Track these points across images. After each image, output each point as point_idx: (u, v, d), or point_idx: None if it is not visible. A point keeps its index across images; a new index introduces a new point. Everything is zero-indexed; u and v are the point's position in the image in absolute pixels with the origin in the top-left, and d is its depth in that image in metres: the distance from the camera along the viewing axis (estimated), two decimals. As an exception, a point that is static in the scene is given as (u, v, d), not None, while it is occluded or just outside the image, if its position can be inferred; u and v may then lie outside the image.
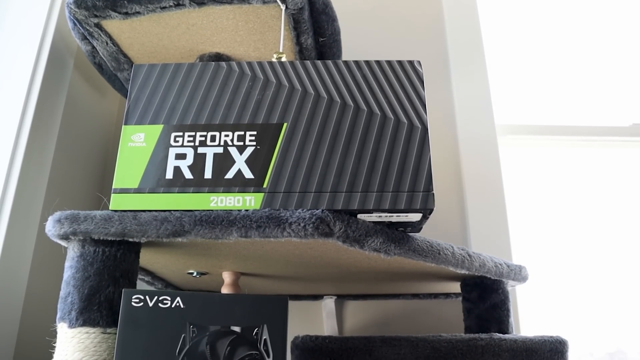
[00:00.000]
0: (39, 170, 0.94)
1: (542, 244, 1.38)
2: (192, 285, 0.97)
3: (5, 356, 0.83)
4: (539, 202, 1.42)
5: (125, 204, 0.58)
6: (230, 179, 0.58)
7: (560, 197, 1.43)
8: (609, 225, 1.42)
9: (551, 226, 1.40)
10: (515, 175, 1.44)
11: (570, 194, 1.44)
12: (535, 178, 1.45)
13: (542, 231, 1.39)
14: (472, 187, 1.25)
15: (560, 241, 1.39)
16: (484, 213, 1.23)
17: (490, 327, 0.88)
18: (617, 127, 1.50)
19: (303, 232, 0.54)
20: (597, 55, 1.63)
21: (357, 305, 1.17)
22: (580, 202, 1.43)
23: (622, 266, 1.39)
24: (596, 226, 1.42)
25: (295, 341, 0.69)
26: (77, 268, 0.57)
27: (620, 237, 1.41)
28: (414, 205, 0.56)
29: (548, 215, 1.41)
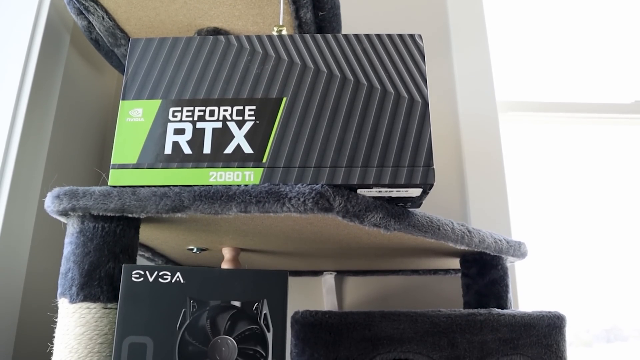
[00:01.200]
0: (38, 146, 0.93)
1: (542, 221, 1.38)
2: (192, 261, 0.97)
3: (8, 332, 0.83)
4: (539, 179, 1.42)
5: (124, 179, 0.58)
6: (229, 154, 0.57)
7: (560, 174, 1.43)
8: (609, 202, 1.42)
9: (551, 203, 1.40)
10: (515, 152, 1.43)
11: (570, 172, 1.44)
12: (536, 155, 1.44)
13: (541, 208, 1.39)
14: (473, 163, 1.25)
15: (559, 218, 1.39)
16: (484, 189, 1.23)
17: (489, 303, 0.88)
18: (619, 105, 1.49)
19: (302, 207, 0.54)
20: (600, 32, 1.61)
21: (356, 281, 1.18)
22: (580, 180, 1.43)
23: (619, 244, 1.39)
24: (596, 203, 1.42)
25: (295, 316, 0.69)
26: (76, 244, 0.57)
27: (619, 215, 1.41)
28: (414, 180, 0.56)
29: (548, 192, 1.41)
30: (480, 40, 1.37)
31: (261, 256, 0.91)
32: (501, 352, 0.71)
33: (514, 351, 0.72)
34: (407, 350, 0.69)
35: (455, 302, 1.17)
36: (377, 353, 0.68)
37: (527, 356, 0.72)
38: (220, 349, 0.53)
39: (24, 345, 0.86)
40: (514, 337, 0.72)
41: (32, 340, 0.88)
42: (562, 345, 0.74)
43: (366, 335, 0.68)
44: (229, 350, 0.53)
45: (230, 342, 0.53)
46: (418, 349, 0.69)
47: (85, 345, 0.54)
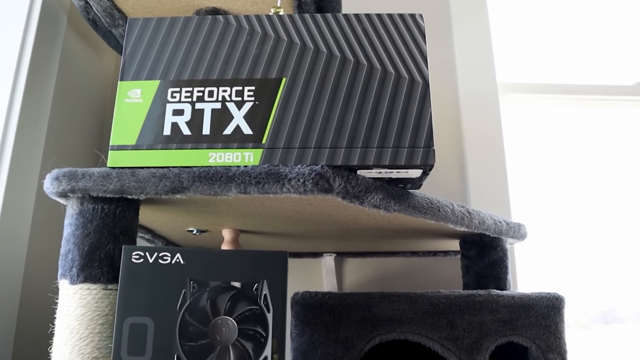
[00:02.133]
0: (36, 128, 0.93)
1: (542, 203, 1.38)
2: (192, 243, 0.97)
3: (10, 313, 0.84)
4: (539, 161, 1.42)
5: (123, 160, 0.58)
6: (228, 134, 0.57)
7: (560, 156, 1.43)
8: (609, 184, 1.42)
9: (550, 185, 1.40)
10: (516, 134, 1.43)
11: (571, 154, 1.43)
12: (537, 137, 1.44)
13: (541, 190, 1.39)
14: (473, 144, 1.24)
15: (558, 200, 1.39)
16: (484, 171, 1.23)
17: (488, 284, 0.89)
18: (620, 86, 1.48)
19: (302, 188, 0.53)
20: (602, 13, 1.59)
21: (356, 263, 1.18)
22: (580, 162, 1.43)
23: (618, 227, 1.39)
24: (595, 186, 1.42)
25: (295, 297, 0.69)
26: (76, 225, 0.57)
27: (618, 198, 1.41)
28: (414, 161, 0.55)
29: (548, 174, 1.41)
30: (482, 20, 1.36)
31: (261, 238, 0.91)
32: (500, 333, 0.71)
33: (512, 332, 0.72)
34: (406, 331, 0.69)
35: (455, 284, 1.17)
36: (377, 334, 0.69)
37: (526, 337, 0.72)
38: (220, 330, 0.53)
39: (26, 326, 0.87)
40: (513, 318, 0.72)
41: (33, 322, 0.89)
42: (561, 326, 0.74)
43: (366, 316, 0.69)
44: (229, 331, 0.53)
45: (230, 322, 0.54)
46: (417, 329, 0.70)
47: (86, 326, 0.55)
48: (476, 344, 0.70)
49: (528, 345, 0.72)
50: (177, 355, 0.53)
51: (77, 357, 0.54)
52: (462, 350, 0.70)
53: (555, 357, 0.72)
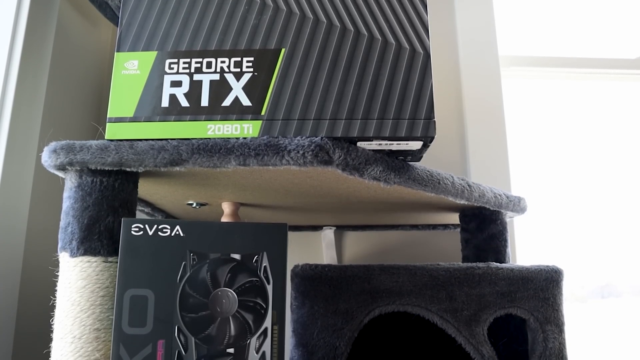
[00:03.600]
0: (33, 101, 0.92)
1: (541, 177, 1.38)
2: (192, 216, 0.97)
3: (11, 286, 0.84)
4: (540, 134, 1.41)
5: (121, 133, 0.57)
6: (227, 106, 0.56)
7: (562, 130, 1.42)
8: (610, 159, 1.42)
9: (552, 159, 1.40)
10: (517, 107, 1.42)
11: (572, 127, 1.43)
12: (538, 111, 1.43)
13: (542, 163, 1.39)
14: (473, 118, 1.24)
15: (559, 174, 1.39)
16: (485, 144, 1.22)
17: (488, 257, 0.89)
18: (623, 60, 1.47)
19: (302, 159, 0.53)
20: (606, -17, 1.57)
21: (356, 236, 1.18)
22: (582, 136, 1.42)
23: (617, 201, 1.39)
24: (597, 160, 1.41)
25: (295, 270, 0.70)
26: (75, 198, 0.57)
27: (618, 172, 1.41)
28: (414, 133, 0.55)
29: (549, 147, 1.40)
30: (484, -8, 1.34)
31: (261, 211, 0.91)
32: (498, 305, 0.72)
33: (511, 304, 0.72)
34: (405, 303, 0.70)
35: (454, 257, 1.18)
36: (376, 305, 0.69)
37: (524, 309, 0.72)
38: (220, 301, 0.54)
39: (28, 299, 0.87)
40: (512, 290, 0.73)
41: (34, 294, 0.89)
42: (559, 298, 0.75)
43: (365, 288, 0.69)
44: (229, 302, 0.54)
45: (230, 294, 0.54)
46: (417, 301, 0.70)
47: (87, 298, 0.55)
48: (475, 316, 0.71)
49: (526, 317, 0.73)
50: (178, 327, 0.53)
51: (79, 328, 0.54)
52: (460, 322, 0.70)
53: (553, 329, 0.72)
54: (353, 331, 0.68)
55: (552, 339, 0.72)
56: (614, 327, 1.35)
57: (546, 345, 0.72)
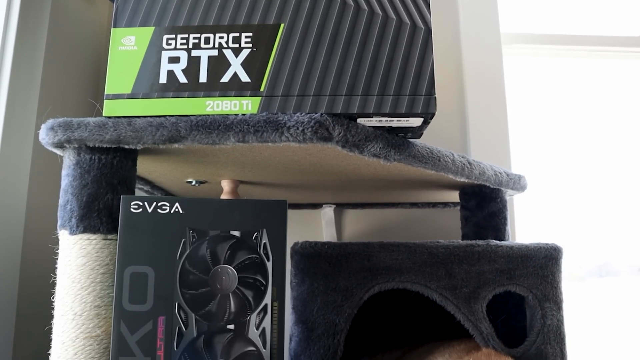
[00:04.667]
0: (30, 79, 0.91)
1: (542, 155, 1.38)
2: (191, 194, 0.97)
3: (13, 264, 0.85)
4: (541, 112, 1.40)
5: (118, 110, 0.57)
6: (226, 82, 0.56)
7: (563, 108, 1.41)
8: (611, 138, 1.41)
9: (552, 138, 1.39)
10: (518, 85, 1.41)
11: (574, 106, 1.42)
12: (539, 88, 1.42)
13: (542, 142, 1.38)
14: (474, 95, 1.23)
15: (559, 153, 1.38)
16: (485, 121, 1.21)
17: (487, 235, 0.89)
18: (626, 37, 1.45)
19: (301, 136, 0.53)
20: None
21: (356, 214, 1.18)
22: (584, 114, 1.42)
23: (616, 182, 1.39)
24: (597, 139, 1.41)
25: (294, 247, 0.70)
26: (74, 176, 0.57)
27: (619, 152, 1.40)
28: (415, 109, 0.55)
29: (549, 126, 1.40)
30: (486, -33, 1.32)
31: (260, 188, 0.91)
32: (498, 283, 0.72)
33: (510, 281, 0.73)
34: (405, 280, 0.70)
35: (454, 235, 1.18)
36: (376, 283, 0.69)
37: (523, 286, 0.73)
38: (220, 278, 0.54)
39: (28, 276, 0.88)
40: (511, 267, 0.73)
41: (35, 272, 0.89)
42: (558, 276, 0.75)
43: (365, 265, 0.69)
44: (229, 279, 0.54)
45: (230, 271, 0.54)
46: (416, 278, 0.70)
47: (88, 275, 0.55)
48: (474, 293, 0.71)
49: (525, 294, 0.73)
50: (178, 303, 0.53)
51: (80, 305, 0.55)
52: (459, 299, 0.70)
53: (551, 306, 0.73)
54: (353, 308, 0.68)
55: (550, 316, 0.72)
56: (611, 305, 1.36)
57: (544, 322, 0.72)
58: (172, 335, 0.53)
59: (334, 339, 0.67)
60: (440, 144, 1.21)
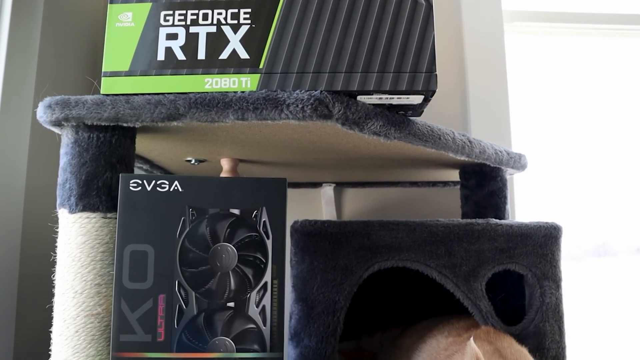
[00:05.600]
0: (26, 56, 0.90)
1: (542, 134, 1.37)
2: (191, 173, 0.97)
3: (13, 241, 0.85)
4: (542, 91, 1.39)
5: (116, 87, 0.56)
6: (224, 59, 0.55)
7: (565, 87, 1.40)
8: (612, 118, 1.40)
9: (553, 117, 1.38)
10: (519, 63, 1.40)
11: (575, 85, 1.41)
12: (541, 67, 1.41)
13: (543, 121, 1.38)
14: (475, 72, 1.22)
15: (559, 132, 1.38)
16: (486, 99, 1.21)
17: (487, 214, 0.89)
18: (629, 15, 1.43)
19: (301, 113, 0.52)
20: None
21: (355, 193, 1.18)
22: (585, 94, 1.41)
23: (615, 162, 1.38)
24: (598, 118, 1.40)
25: (294, 225, 0.70)
26: (72, 154, 0.57)
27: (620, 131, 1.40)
28: (415, 86, 0.54)
29: (551, 105, 1.39)
30: (488, -57, 1.30)
31: (260, 167, 0.90)
32: (497, 261, 0.72)
33: (509, 260, 0.73)
34: (405, 259, 0.70)
35: (454, 214, 1.18)
36: (376, 261, 0.69)
37: (523, 265, 0.73)
38: (220, 256, 0.54)
39: (29, 255, 0.88)
40: (511, 246, 0.73)
41: (35, 250, 0.90)
42: (557, 254, 0.75)
43: (365, 243, 0.69)
44: (229, 257, 0.54)
45: (230, 249, 0.54)
46: (416, 257, 0.70)
47: (88, 253, 0.55)
48: (473, 272, 0.71)
49: (524, 273, 0.73)
50: (178, 281, 0.53)
51: (80, 283, 0.55)
52: (459, 277, 0.71)
53: (550, 284, 0.73)
54: (352, 286, 0.69)
55: (549, 294, 0.73)
56: (609, 285, 1.37)
57: (543, 300, 0.72)
58: (173, 313, 0.53)
59: (333, 317, 0.68)
60: (441, 122, 1.21)
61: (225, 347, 0.53)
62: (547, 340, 0.71)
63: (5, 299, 0.83)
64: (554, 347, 0.72)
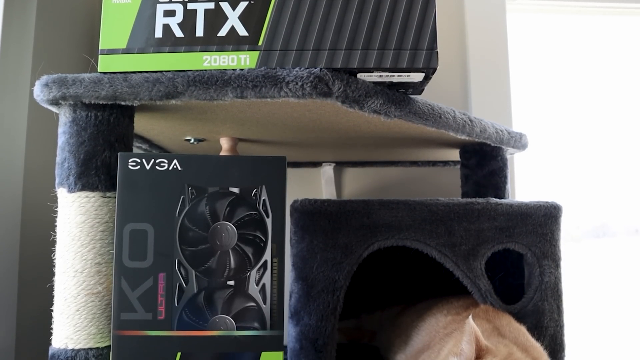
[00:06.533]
0: (22, 34, 0.89)
1: (543, 113, 1.36)
2: (190, 153, 0.96)
3: (13, 222, 0.85)
4: (544, 70, 1.38)
5: (114, 65, 0.56)
6: (223, 36, 0.55)
7: (566, 66, 1.39)
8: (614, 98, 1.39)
9: (554, 95, 1.37)
10: (521, 42, 1.38)
11: (577, 64, 1.40)
12: (543, 45, 1.40)
13: (544, 100, 1.37)
14: (476, 51, 1.21)
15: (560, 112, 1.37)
16: (487, 78, 1.20)
17: (487, 193, 0.89)
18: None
19: (301, 91, 0.52)
20: None
21: (355, 172, 1.18)
22: (587, 73, 1.39)
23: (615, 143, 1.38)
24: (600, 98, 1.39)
25: (294, 205, 0.69)
26: (70, 133, 0.56)
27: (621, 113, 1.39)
28: (416, 64, 0.53)
29: (552, 85, 1.38)
30: None
31: (260, 146, 0.90)
32: (497, 240, 0.72)
33: (509, 239, 0.73)
34: (404, 238, 0.70)
35: (454, 194, 1.17)
36: (375, 240, 0.69)
37: (522, 244, 0.73)
38: (220, 235, 0.54)
39: (29, 234, 0.88)
40: (510, 225, 0.73)
41: (36, 229, 0.90)
42: (557, 234, 0.75)
43: (365, 222, 0.69)
44: (228, 236, 0.54)
45: (230, 227, 0.54)
46: (415, 236, 0.70)
47: (87, 233, 0.55)
48: (473, 251, 0.71)
49: (524, 252, 0.73)
50: (178, 260, 0.53)
51: (80, 263, 0.55)
52: (458, 256, 0.71)
53: (549, 263, 0.73)
54: (352, 265, 0.69)
55: (548, 273, 0.73)
56: (608, 266, 1.37)
57: (542, 279, 0.73)
58: (173, 292, 0.53)
59: (333, 296, 0.68)
60: (441, 101, 1.19)
61: (226, 325, 0.53)
62: (546, 318, 0.72)
63: (6, 278, 0.84)
64: (552, 326, 0.72)
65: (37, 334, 0.88)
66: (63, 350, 0.54)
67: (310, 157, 1.05)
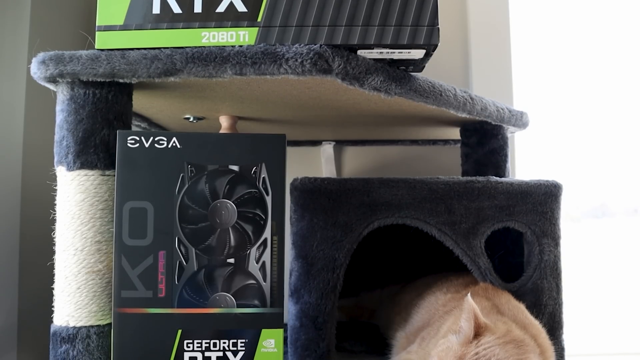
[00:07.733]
0: (18, 10, 0.88)
1: (544, 92, 1.35)
2: (189, 131, 0.96)
3: (13, 200, 0.85)
4: (545, 48, 1.37)
5: (111, 42, 0.55)
6: (222, 12, 0.54)
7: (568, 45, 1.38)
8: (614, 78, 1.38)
9: (555, 74, 1.36)
10: (523, 19, 1.37)
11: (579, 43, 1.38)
12: (545, 23, 1.38)
13: (545, 79, 1.36)
14: (478, 27, 1.19)
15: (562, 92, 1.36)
16: (488, 56, 1.19)
17: (488, 172, 0.89)
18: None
19: (300, 68, 0.51)
20: None
21: (355, 151, 1.18)
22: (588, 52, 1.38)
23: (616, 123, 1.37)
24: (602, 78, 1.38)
25: (294, 183, 0.69)
26: (68, 111, 0.56)
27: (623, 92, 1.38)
28: (417, 40, 0.53)
29: (553, 63, 1.37)
30: None
31: (259, 125, 0.90)
32: (497, 219, 0.72)
33: (509, 217, 0.73)
34: (404, 216, 0.70)
35: (454, 172, 1.17)
36: (375, 218, 0.69)
37: (522, 222, 0.73)
38: (220, 212, 0.54)
39: (29, 213, 0.88)
40: (510, 204, 0.73)
41: (36, 208, 0.90)
42: (557, 212, 0.75)
43: (365, 201, 0.69)
44: (228, 214, 0.54)
45: (229, 205, 0.54)
46: (415, 214, 0.70)
47: (87, 211, 0.55)
48: (473, 229, 0.71)
49: (523, 230, 0.73)
50: (178, 238, 0.54)
51: (80, 241, 0.55)
52: (458, 234, 0.71)
53: (549, 242, 0.73)
54: (352, 243, 0.69)
55: (547, 252, 0.73)
56: (607, 247, 1.37)
57: (541, 258, 0.73)
58: (173, 269, 0.53)
59: (333, 274, 0.68)
60: (442, 79, 1.18)
61: (226, 302, 0.54)
62: (545, 297, 0.72)
63: (7, 257, 0.84)
64: (551, 304, 0.73)
65: (39, 311, 0.89)
66: (65, 327, 0.55)
67: (310, 135, 1.04)
